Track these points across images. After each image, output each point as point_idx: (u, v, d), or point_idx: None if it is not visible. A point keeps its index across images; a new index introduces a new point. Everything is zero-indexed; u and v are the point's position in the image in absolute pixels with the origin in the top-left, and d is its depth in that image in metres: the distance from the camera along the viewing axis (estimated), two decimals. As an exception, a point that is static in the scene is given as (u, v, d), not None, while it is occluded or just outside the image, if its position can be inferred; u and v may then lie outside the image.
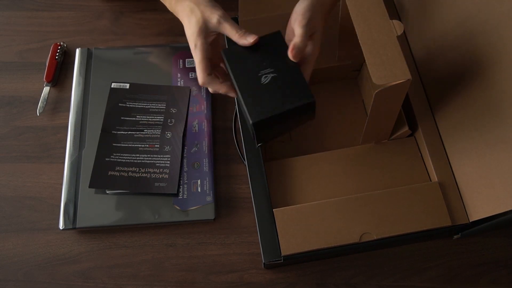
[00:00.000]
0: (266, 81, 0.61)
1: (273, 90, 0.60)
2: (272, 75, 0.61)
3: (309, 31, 0.61)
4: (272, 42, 0.63)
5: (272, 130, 0.64)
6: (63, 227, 0.70)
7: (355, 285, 0.69)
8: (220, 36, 0.65)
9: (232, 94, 0.64)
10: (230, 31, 0.61)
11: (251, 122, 0.59)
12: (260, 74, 0.61)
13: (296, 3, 0.63)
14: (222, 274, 0.70)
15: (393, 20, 0.59)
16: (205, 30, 0.62)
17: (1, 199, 0.74)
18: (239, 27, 0.61)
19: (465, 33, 0.64)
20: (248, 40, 0.61)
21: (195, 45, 0.62)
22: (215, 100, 0.81)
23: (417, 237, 0.66)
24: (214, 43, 0.64)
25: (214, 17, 0.61)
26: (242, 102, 0.60)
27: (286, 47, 0.62)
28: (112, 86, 0.80)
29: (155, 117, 0.78)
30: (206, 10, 0.62)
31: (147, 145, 0.76)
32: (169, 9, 0.68)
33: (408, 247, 0.71)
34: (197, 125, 0.78)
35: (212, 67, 0.63)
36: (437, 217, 0.65)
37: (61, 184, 0.73)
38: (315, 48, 0.63)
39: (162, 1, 0.69)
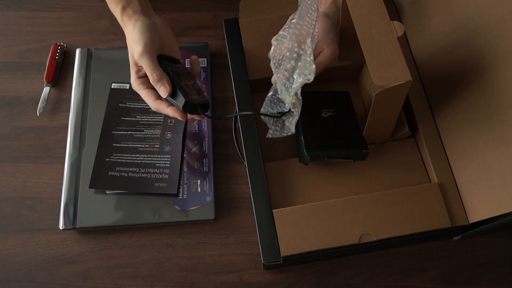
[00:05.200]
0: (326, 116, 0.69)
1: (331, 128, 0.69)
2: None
3: None
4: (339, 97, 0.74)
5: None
6: (63, 227, 0.71)
7: (355, 286, 0.69)
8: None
9: (177, 116, 0.64)
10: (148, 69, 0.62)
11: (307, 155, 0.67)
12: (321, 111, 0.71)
13: (295, 4, 0.63)
14: (222, 274, 0.70)
15: (394, 21, 0.59)
16: (135, 64, 0.64)
17: (1, 199, 0.74)
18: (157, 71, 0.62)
19: (465, 35, 0.64)
20: (161, 90, 0.62)
21: (133, 80, 0.65)
22: (215, 100, 0.81)
23: (417, 239, 0.66)
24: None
25: (135, 51, 0.62)
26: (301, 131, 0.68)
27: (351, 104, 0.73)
28: (112, 87, 0.80)
29: (155, 117, 0.78)
30: (131, 44, 0.63)
31: (147, 145, 0.76)
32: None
33: (408, 248, 0.71)
34: (197, 125, 0.78)
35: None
36: (436, 219, 0.65)
37: (61, 184, 0.73)
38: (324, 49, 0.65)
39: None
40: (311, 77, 0.59)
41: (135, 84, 0.65)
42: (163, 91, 0.61)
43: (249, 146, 0.70)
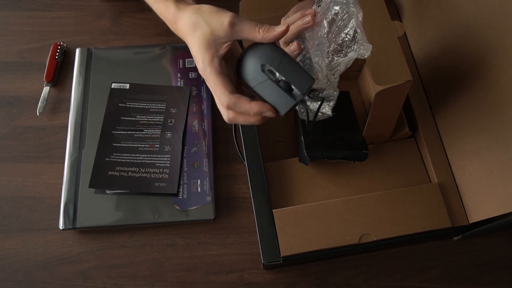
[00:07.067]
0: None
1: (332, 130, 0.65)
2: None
3: None
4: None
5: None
6: (63, 227, 0.70)
7: (355, 286, 0.69)
8: (235, 48, 0.56)
9: (269, 114, 0.51)
10: (250, 30, 0.50)
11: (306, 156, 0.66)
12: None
13: (295, 5, 0.63)
14: (222, 274, 0.70)
15: (394, 21, 0.59)
16: (215, 42, 0.52)
17: (1, 199, 0.74)
18: (258, 23, 0.51)
19: (466, 34, 0.64)
20: (277, 30, 0.50)
21: (203, 62, 0.52)
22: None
23: (417, 239, 0.66)
24: (229, 58, 0.54)
25: (224, 20, 0.51)
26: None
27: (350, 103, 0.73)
28: (112, 86, 0.80)
29: (155, 117, 0.78)
30: (211, 17, 0.52)
31: (147, 145, 0.76)
32: (173, 31, 0.59)
33: (408, 248, 0.71)
34: (197, 125, 0.78)
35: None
36: (436, 219, 0.65)
37: (61, 184, 0.73)
38: None
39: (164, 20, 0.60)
40: (366, 54, 0.52)
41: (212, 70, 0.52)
42: (282, 27, 0.50)
43: (249, 146, 0.70)
